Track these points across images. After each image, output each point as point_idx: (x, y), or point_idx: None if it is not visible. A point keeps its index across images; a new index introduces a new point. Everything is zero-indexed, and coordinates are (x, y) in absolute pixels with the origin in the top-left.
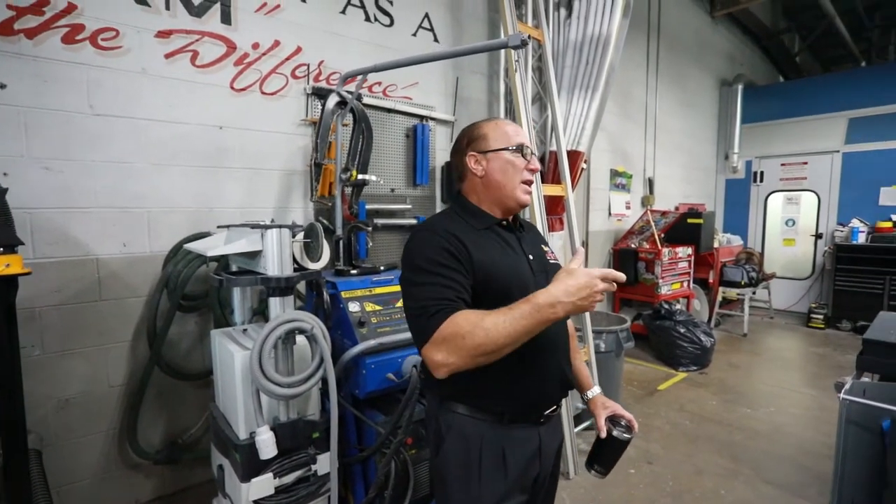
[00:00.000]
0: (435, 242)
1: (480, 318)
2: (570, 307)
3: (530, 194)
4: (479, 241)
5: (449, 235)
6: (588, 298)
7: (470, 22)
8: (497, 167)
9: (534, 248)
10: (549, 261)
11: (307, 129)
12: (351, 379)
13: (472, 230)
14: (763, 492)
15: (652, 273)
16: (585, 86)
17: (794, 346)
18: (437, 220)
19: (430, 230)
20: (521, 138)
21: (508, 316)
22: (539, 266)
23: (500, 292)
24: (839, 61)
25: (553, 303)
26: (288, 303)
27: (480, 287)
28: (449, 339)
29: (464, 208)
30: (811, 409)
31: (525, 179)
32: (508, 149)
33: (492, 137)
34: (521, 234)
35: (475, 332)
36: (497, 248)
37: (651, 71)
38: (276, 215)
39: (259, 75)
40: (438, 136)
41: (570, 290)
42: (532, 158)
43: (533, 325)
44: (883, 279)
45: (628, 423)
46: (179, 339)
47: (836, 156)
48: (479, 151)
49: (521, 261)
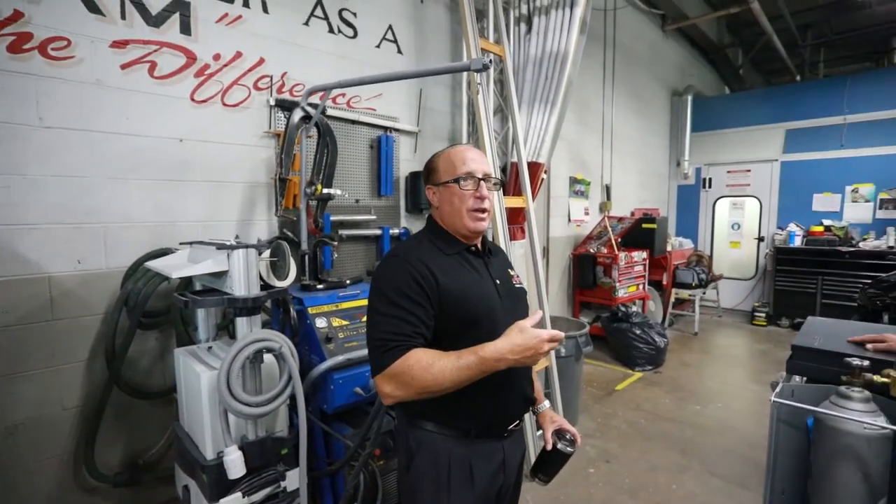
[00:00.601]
0: (403, 271)
1: (430, 362)
2: (512, 363)
3: (484, 220)
4: (449, 266)
5: (419, 263)
6: (532, 358)
7: (433, 34)
8: (446, 199)
9: (500, 272)
10: (514, 285)
11: (270, 140)
12: (319, 394)
13: (443, 255)
14: (710, 484)
15: (609, 277)
16: (545, 100)
17: (739, 344)
18: (410, 246)
19: (401, 257)
20: (470, 166)
21: (456, 365)
22: (505, 290)
23: (469, 316)
24: (778, 74)
25: (498, 358)
26: (255, 322)
27: (450, 312)
28: (399, 376)
29: (435, 233)
30: (754, 404)
31: (472, 208)
32: (455, 180)
33: (441, 170)
34: (488, 259)
35: (424, 376)
36: (466, 274)
37: (608, 82)
38: (240, 228)
39: (221, 87)
40: (402, 146)
41: (515, 349)
42: (481, 186)
43: (476, 375)
44: (816, 279)
45: (572, 438)
46: (139, 357)
47: (775, 164)
48: (433, 184)
49: (489, 285)
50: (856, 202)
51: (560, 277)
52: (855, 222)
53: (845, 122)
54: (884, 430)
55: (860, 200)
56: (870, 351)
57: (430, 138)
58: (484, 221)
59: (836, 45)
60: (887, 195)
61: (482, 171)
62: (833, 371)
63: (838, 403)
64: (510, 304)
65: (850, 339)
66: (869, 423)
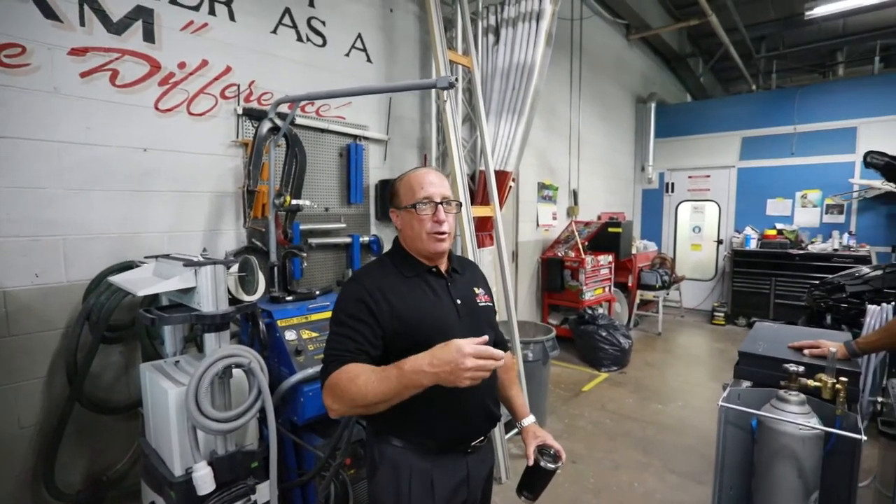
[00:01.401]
0: (355, 294)
1: (357, 374)
2: (433, 378)
3: (443, 241)
4: (407, 289)
5: (372, 287)
6: (453, 374)
7: (403, 42)
8: (406, 222)
9: (464, 291)
10: (478, 304)
11: (238, 150)
12: (289, 406)
13: (402, 278)
14: (669, 481)
15: (577, 280)
16: (512, 110)
17: (700, 343)
18: (369, 270)
19: (357, 281)
20: (428, 190)
21: (378, 377)
22: (467, 310)
23: (421, 338)
24: (735, 82)
25: (416, 370)
26: (224, 337)
27: (401, 333)
28: (332, 388)
29: (397, 256)
30: (711, 402)
31: (431, 231)
32: (414, 205)
33: (402, 194)
34: (451, 279)
35: (350, 387)
36: (422, 296)
37: (574, 89)
38: (207, 239)
39: (186, 95)
40: (372, 154)
41: (434, 363)
42: (439, 210)
43: (400, 389)
44: (770, 280)
45: (556, 453)
46: (102, 372)
47: (732, 170)
48: (395, 208)
49: (447, 306)
50: (805, 207)
51: (529, 281)
52: (804, 226)
53: (795, 131)
54: (814, 430)
55: (809, 206)
56: (806, 356)
57: (400, 146)
58: (443, 243)
59: (787, 57)
60: (832, 201)
61: (440, 194)
62: (774, 375)
63: (777, 406)
64: (471, 323)
65: (789, 345)
66: (803, 424)
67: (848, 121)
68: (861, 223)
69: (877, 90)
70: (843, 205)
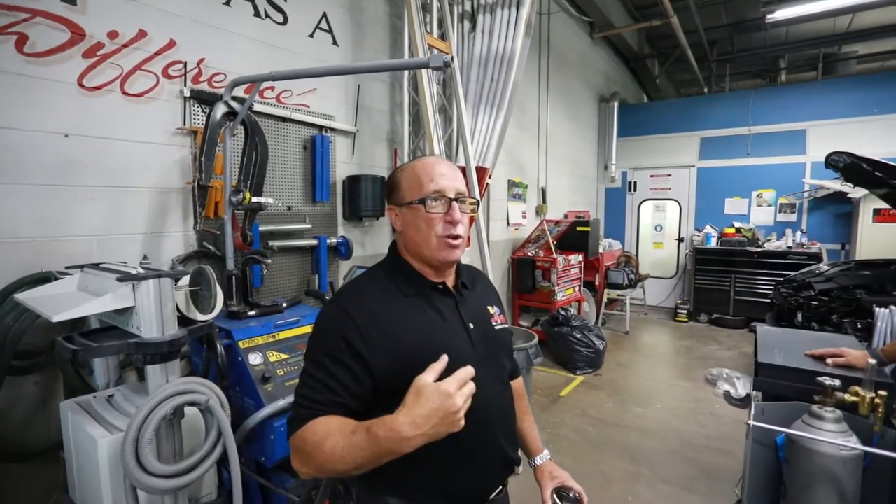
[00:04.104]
0: (337, 325)
1: (324, 438)
2: (421, 441)
3: (457, 248)
4: (406, 313)
5: (361, 316)
6: (446, 421)
7: (371, 27)
8: (410, 222)
9: (476, 312)
10: (494, 327)
11: (185, 138)
12: (256, 445)
13: (400, 298)
14: (663, 491)
15: (548, 281)
16: (491, 102)
17: (666, 341)
18: (358, 289)
19: (340, 305)
20: (440, 183)
21: (347, 443)
22: (481, 336)
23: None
24: (687, 85)
25: (396, 439)
26: (172, 368)
27: (399, 371)
28: (298, 450)
29: (395, 268)
30: (686, 402)
31: (443, 235)
32: (422, 201)
33: (405, 187)
34: (461, 297)
35: (316, 453)
36: (426, 322)
37: (542, 85)
38: (148, 244)
39: (119, 72)
40: (339, 147)
41: (418, 422)
42: (453, 207)
43: (376, 458)
44: (730, 277)
45: (577, 497)
46: (11, 408)
47: (692, 170)
48: (396, 205)
49: (458, 333)
50: (760, 206)
51: (500, 282)
52: (760, 224)
53: (750, 132)
54: (855, 450)
55: (764, 205)
56: (829, 366)
57: (369, 139)
58: (457, 249)
59: (735, 62)
60: (786, 200)
61: (454, 189)
62: (802, 389)
63: (812, 424)
64: (486, 353)
65: (808, 353)
66: (845, 444)
67: (798, 123)
68: (812, 221)
69: (823, 95)
70: (795, 204)
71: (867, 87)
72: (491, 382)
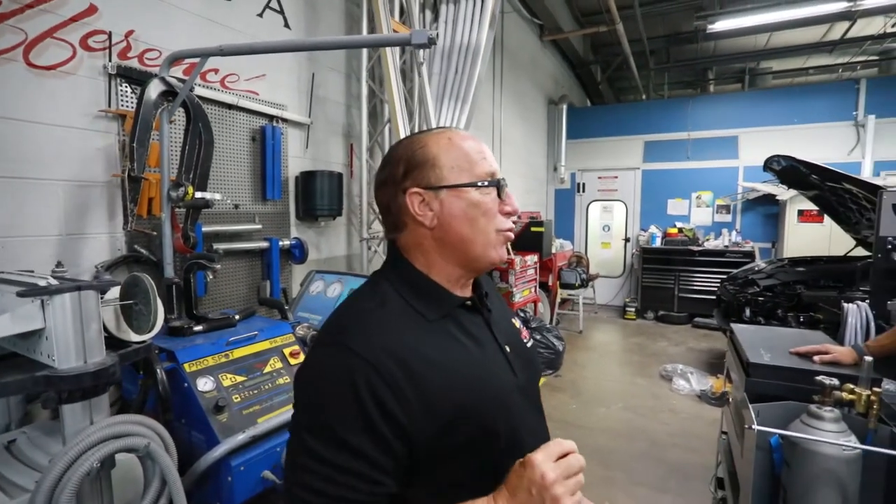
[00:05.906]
0: (352, 380)
1: None
2: None
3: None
4: (435, 347)
5: (383, 361)
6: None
7: (326, 10)
8: (459, 213)
9: (508, 331)
10: (525, 344)
11: (111, 123)
12: (210, 490)
13: (422, 326)
14: (638, 494)
15: (506, 282)
16: (455, 96)
17: (618, 339)
18: (362, 321)
19: (349, 348)
20: (493, 164)
21: None
22: (517, 356)
23: (479, 429)
24: (626, 92)
25: None
26: (99, 405)
27: (443, 433)
28: None
29: (409, 285)
30: (647, 399)
31: (502, 229)
32: (477, 184)
33: (446, 165)
34: (489, 312)
35: None
36: (463, 356)
37: (496, 85)
38: (64, 248)
39: (23, 38)
40: (292, 140)
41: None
42: (510, 197)
43: None
44: (674, 276)
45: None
46: None
47: (637, 172)
48: (428, 187)
49: (499, 364)
50: (699, 207)
51: None
52: (699, 225)
53: (689, 137)
54: (856, 449)
55: (703, 206)
56: (816, 364)
57: (324, 133)
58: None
59: (672, 71)
60: (722, 202)
61: (500, 173)
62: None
63: (811, 424)
64: (526, 382)
65: (792, 350)
66: (848, 444)
67: (731, 130)
68: (745, 222)
69: (751, 105)
70: (730, 205)
71: (788, 99)
72: (533, 419)
